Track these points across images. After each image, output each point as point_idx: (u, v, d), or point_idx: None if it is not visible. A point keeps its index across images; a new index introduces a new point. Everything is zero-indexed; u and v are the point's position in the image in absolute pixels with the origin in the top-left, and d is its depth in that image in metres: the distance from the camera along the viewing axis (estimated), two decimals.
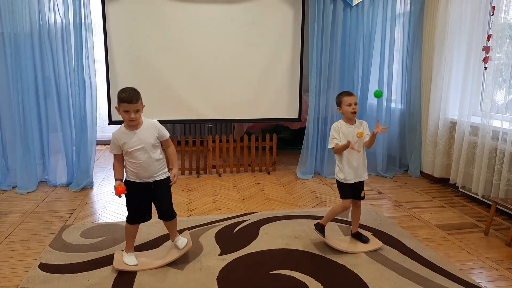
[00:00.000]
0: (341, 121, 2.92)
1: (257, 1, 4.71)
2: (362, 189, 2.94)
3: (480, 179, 3.80)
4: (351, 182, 2.86)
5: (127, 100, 2.44)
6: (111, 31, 4.53)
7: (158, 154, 2.62)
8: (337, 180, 2.93)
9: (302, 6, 4.79)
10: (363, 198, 2.96)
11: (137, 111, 2.49)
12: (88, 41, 4.30)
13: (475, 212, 3.77)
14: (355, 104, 2.83)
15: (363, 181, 2.94)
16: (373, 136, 2.80)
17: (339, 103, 2.88)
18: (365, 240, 3.00)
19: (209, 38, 4.71)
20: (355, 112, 2.83)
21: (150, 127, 2.60)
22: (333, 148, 2.86)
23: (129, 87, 2.52)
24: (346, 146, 2.72)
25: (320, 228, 2.96)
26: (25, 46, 4.14)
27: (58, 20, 4.25)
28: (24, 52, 4.15)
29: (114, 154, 2.62)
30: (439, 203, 4.02)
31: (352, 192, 2.90)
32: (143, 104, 2.57)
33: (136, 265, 2.65)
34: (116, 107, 2.54)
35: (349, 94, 2.87)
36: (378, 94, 2.64)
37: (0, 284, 2.51)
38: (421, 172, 4.93)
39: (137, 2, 4.51)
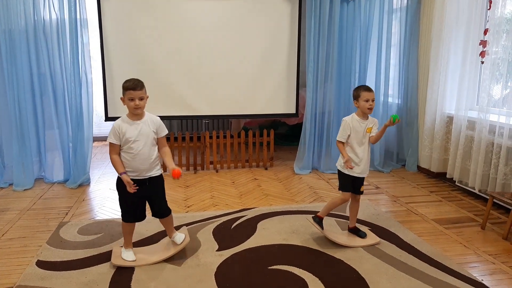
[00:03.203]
0: (354, 115, 2.87)
1: None
2: (362, 184, 2.94)
3: (477, 173, 3.81)
4: (354, 175, 2.85)
5: (132, 87, 2.48)
6: (106, 27, 4.50)
7: (155, 148, 2.63)
8: (339, 171, 2.92)
9: (299, 1, 4.77)
10: (362, 193, 2.96)
11: (142, 98, 2.52)
12: (83, 37, 4.27)
13: (472, 206, 3.78)
14: (373, 100, 2.78)
15: (364, 177, 2.93)
16: (383, 129, 2.79)
17: (356, 97, 2.82)
18: (362, 235, 3.01)
19: (205, 33, 4.69)
20: (371, 108, 2.79)
21: (151, 121, 2.62)
22: (340, 142, 2.87)
23: (133, 78, 2.56)
24: (349, 165, 2.78)
25: (318, 220, 2.95)
26: (20, 42, 4.11)
27: (53, 16, 4.21)
28: (19, 49, 4.12)
29: (111, 146, 2.54)
30: (436, 197, 4.03)
31: (352, 186, 2.91)
32: (147, 94, 2.59)
33: (134, 260, 2.65)
34: (121, 98, 2.55)
35: (368, 89, 2.80)
36: (395, 117, 2.72)
37: None
38: (418, 167, 4.94)
39: None
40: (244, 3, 4.71)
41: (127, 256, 2.66)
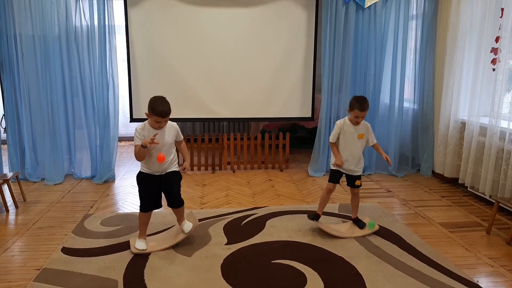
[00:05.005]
0: (346, 119, 3.15)
1: (273, 4, 4.88)
2: (358, 179, 3.17)
3: (487, 179, 3.85)
4: (341, 170, 3.15)
5: (161, 115, 2.68)
6: (133, 34, 4.79)
7: (173, 153, 2.90)
8: (330, 168, 3.23)
9: (315, 10, 4.92)
10: (358, 186, 3.20)
11: (166, 121, 2.77)
12: (111, 43, 4.58)
13: (481, 212, 3.81)
14: (362, 117, 3.07)
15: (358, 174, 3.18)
16: (381, 152, 3.23)
17: (351, 108, 3.07)
18: (361, 226, 3.25)
19: (226, 40, 4.91)
20: (358, 123, 3.10)
21: (171, 129, 2.87)
22: (332, 143, 3.16)
23: (161, 98, 2.72)
24: (338, 163, 3.06)
25: (313, 216, 3.23)
26: (53, 48, 4.46)
27: (84, 23, 4.54)
28: (53, 54, 4.47)
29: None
30: (447, 202, 4.08)
31: (347, 181, 3.21)
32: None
33: (145, 249, 2.91)
34: (146, 113, 2.73)
35: (362, 109, 3.00)
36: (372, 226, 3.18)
37: (27, 264, 2.78)
38: (433, 172, 4.97)
39: (157, 6, 4.75)
40: (262, 11, 4.90)
41: (139, 245, 2.92)
